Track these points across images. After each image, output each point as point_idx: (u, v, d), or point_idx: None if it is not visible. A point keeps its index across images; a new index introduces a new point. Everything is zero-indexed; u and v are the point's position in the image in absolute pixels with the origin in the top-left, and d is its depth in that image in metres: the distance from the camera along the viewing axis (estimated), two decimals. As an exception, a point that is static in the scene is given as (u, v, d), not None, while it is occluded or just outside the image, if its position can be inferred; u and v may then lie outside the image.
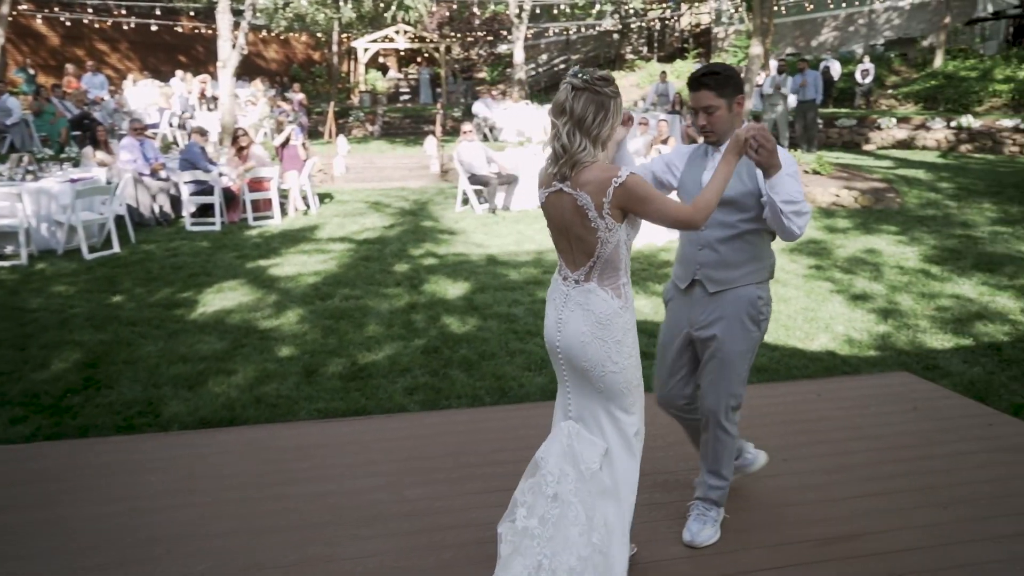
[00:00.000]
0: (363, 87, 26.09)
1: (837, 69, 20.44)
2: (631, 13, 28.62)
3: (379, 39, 24.71)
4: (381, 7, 23.13)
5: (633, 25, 31.30)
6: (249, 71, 24.49)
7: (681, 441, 3.56)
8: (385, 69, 31.20)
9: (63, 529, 3.19)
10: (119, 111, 16.08)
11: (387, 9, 23.22)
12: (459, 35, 29.77)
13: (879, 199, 10.93)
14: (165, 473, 3.69)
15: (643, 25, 31.86)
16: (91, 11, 23.92)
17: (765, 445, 3.92)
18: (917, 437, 4.02)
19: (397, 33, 24.41)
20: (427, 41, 25.79)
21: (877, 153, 16.39)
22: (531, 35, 28.57)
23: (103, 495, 3.47)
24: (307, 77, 28.65)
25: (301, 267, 8.09)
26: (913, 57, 23.39)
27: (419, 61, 30.94)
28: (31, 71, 19.50)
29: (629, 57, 31.27)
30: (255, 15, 17.91)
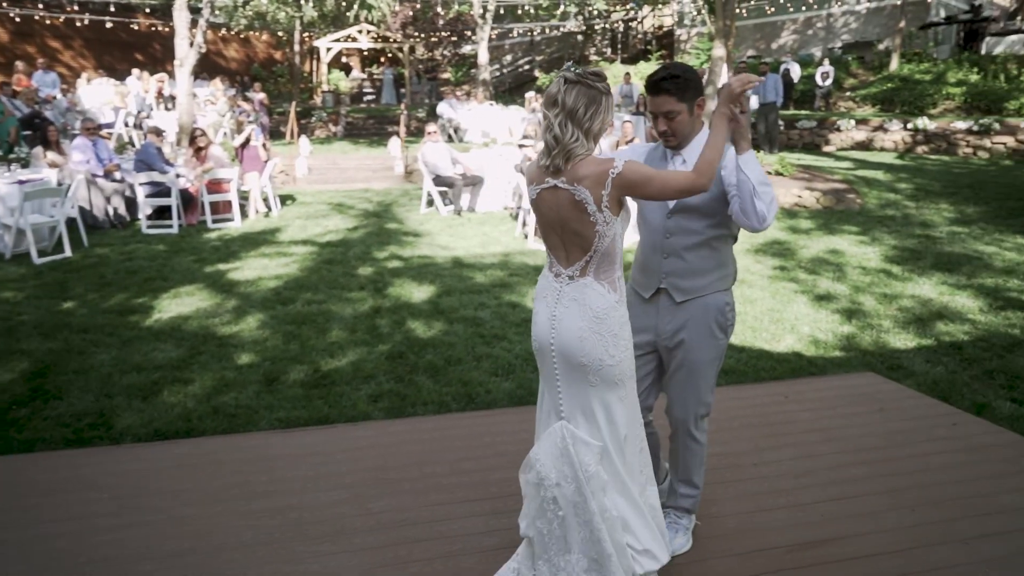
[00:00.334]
0: (326, 87, 25.77)
1: (797, 72, 20.75)
2: (595, 14, 28.73)
3: (342, 39, 24.43)
4: (343, 6, 22.86)
5: (597, 27, 31.44)
6: (209, 70, 24.02)
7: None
8: (348, 69, 30.87)
9: (7, 553, 3.03)
10: (72, 110, 15.61)
11: (349, 8, 22.96)
12: (423, 35, 29.58)
13: (840, 200, 11.08)
14: (117, 489, 3.54)
15: (607, 27, 32.03)
16: (42, 7, 23.24)
17: (735, 449, 3.91)
18: (884, 438, 4.03)
19: (360, 33, 24.15)
20: (391, 41, 25.57)
21: (837, 154, 16.65)
22: (495, 36, 28.53)
23: (50, 514, 3.31)
24: (268, 77, 28.21)
25: (262, 271, 7.91)
26: (870, 60, 23.85)
27: (383, 61, 30.68)
28: (-22, 69, 18.88)
29: (593, 58, 31.39)
30: (214, 13, 17.55)
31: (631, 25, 32.92)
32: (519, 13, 27.47)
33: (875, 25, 25.90)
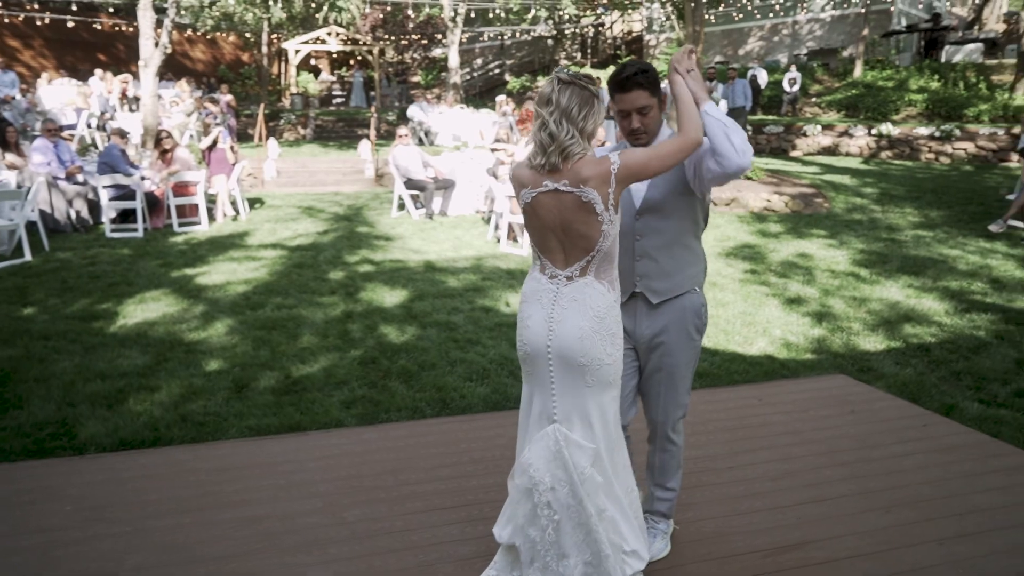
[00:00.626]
0: (294, 89, 25.50)
1: (764, 77, 21.05)
2: (565, 19, 28.85)
3: (310, 41, 24.19)
4: (312, 8, 22.64)
5: (567, 31, 31.58)
6: (175, 71, 23.65)
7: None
8: (317, 71, 30.60)
9: (-37, 568, 2.91)
10: (32, 111, 15.25)
11: (319, 10, 22.75)
12: (393, 38, 29.43)
13: (808, 204, 11.23)
14: (81, 501, 3.43)
15: (577, 32, 32.19)
16: (1, 5, 22.67)
17: (710, 452, 3.92)
18: (857, 440, 4.06)
19: (329, 35, 23.94)
20: (360, 43, 25.38)
21: (804, 159, 16.89)
22: (466, 39, 28.50)
23: (11, 527, 3.20)
24: (236, 78, 27.84)
25: (230, 275, 7.76)
26: (834, 67, 24.27)
27: (352, 64, 30.47)
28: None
29: (563, 63, 31.51)
30: (179, 13, 17.26)
31: (601, 30, 33.14)
32: (490, 17, 27.47)
33: (839, 33, 26.38)
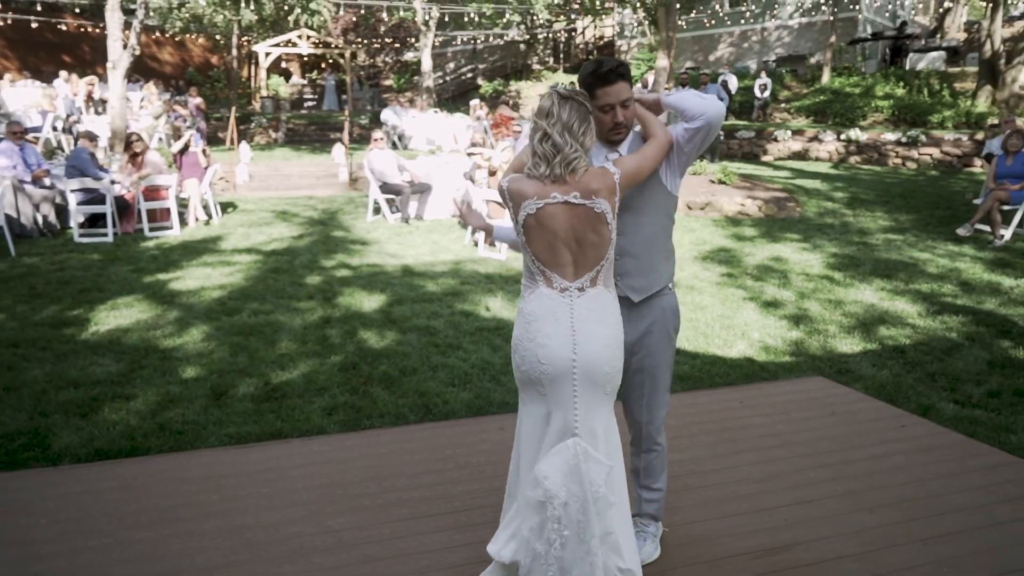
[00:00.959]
0: (264, 92, 25.24)
1: (734, 83, 21.31)
2: (537, 24, 28.95)
3: (281, 43, 23.96)
4: (284, 11, 22.45)
5: (540, 36, 31.69)
6: (142, 73, 23.26)
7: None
8: (288, 74, 30.36)
9: (-65, 585, 2.81)
10: (-6, 113, 14.88)
11: (290, 13, 22.56)
12: (364, 41, 29.29)
13: (781, 208, 11.37)
14: (57, 513, 3.33)
15: (549, 36, 32.31)
16: (-39, 5, 22.17)
17: (695, 455, 3.93)
18: (837, 441, 4.11)
19: (300, 38, 23.73)
20: (331, 47, 25.21)
21: (775, 164, 17.12)
22: (438, 43, 28.43)
23: (-17, 542, 3.10)
24: (205, 81, 27.48)
25: (204, 280, 7.64)
26: (803, 73, 24.67)
27: (323, 67, 30.25)
28: None
29: (536, 67, 31.62)
30: (148, 15, 16.99)
31: (573, 35, 33.31)
32: (463, 21, 27.46)
33: (807, 40, 26.82)
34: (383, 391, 4.94)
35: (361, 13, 27.63)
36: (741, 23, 27.80)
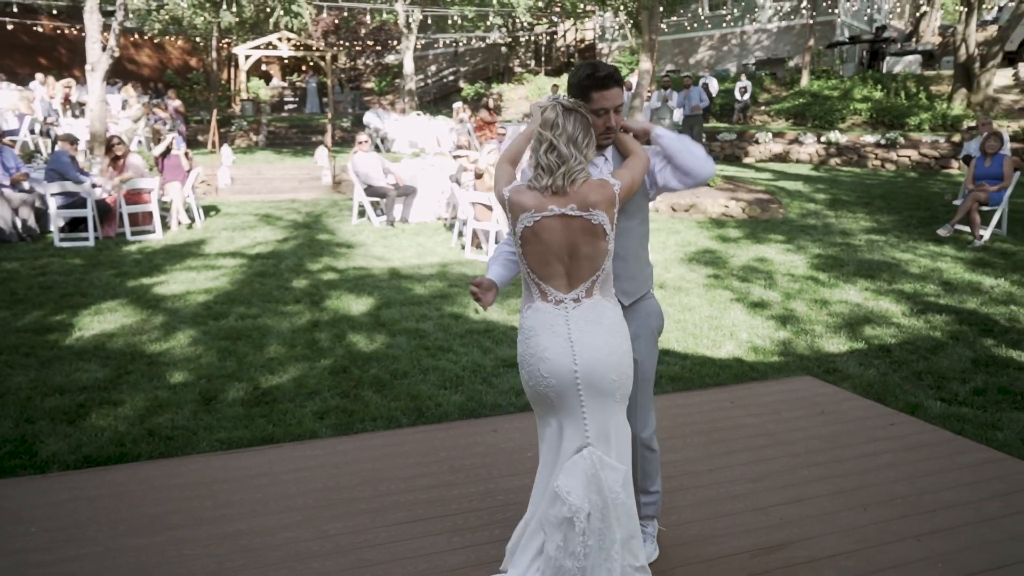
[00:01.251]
0: (244, 95, 25.05)
1: (715, 86, 21.48)
2: (519, 27, 29.00)
3: (261, 46, 23.80)
4: (265, 13, 22.29)
5: (521, 39, 31.74)
6: (119, 75, 23.00)
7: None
8: (268, 77, 30.16)
9: (-76, 596, 2.76)
10: (-30, 116, 14.63)
11: (270, 15, 22.41)
12: (345, 44, 29.16)
13: (764, 210, 11.46)
14: (47, 521, 3.28)
15: (530, 39, 32.38)
16: (-66, 6, 21.81)
17: (688, 456, 3.95)
18: (828, 440, 4.15)
19: (280, 40, 23.58)
20: (312, 49, 25.08)
21: (756, 166, 17.26)
22: (420, 46, 28.39)
23: (-28, 552, 3.04)
24: (184, 83, 27.25)
25: (189, 284, 7.56)
26: (782, 76, 24.91)
27: (304, 69, 30.09)
28: None
29: (517, 70, 31.68)
30: (127, 16, 16.80)
31: (554, 38, 33.40)
32: (445, 24, 27.45)
33: (786, 43, 27.10)
34: (374, 394, 4.92)
35: (343, 16, 27.51)
36: (722, 26, 28.03)
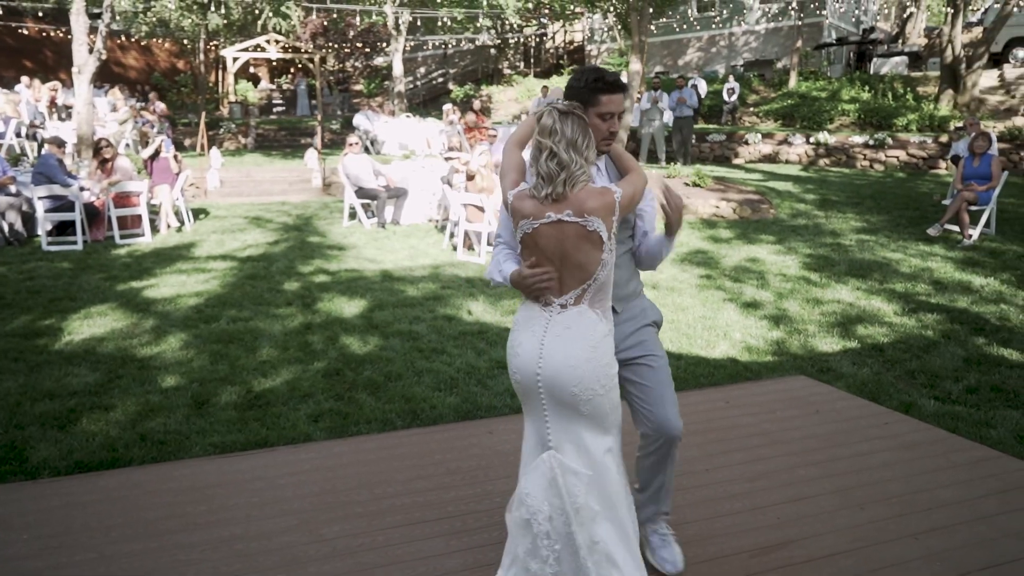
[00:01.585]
0: (233, 98, 24.92)
1: (703, 87, 21.53)
2: (508, 29, 29.00)
3: (249, 48, 23.68)
4: (254, 14, 22.19)
5: (510, 41, 31.75)
6: (106, 78, 22.83)
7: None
8: (256, 80, 30.04)
9: (-86, 606, 2.71)
10: (-45, 119, 14.50)
11: (258, 18, 22.31)
12: (334, 46, 29.08)
13: (755, 210, 11.50)
14: (38, 528, 3.24)
15: (520, 41, 32.40)
16: (-83, 9, 21.57)
17: (686, 456, 3.93)
18: (824, 439, 4.15)
19: (268, 43, 23.47)
20: (300, 51, 24.99)
21: (746, 167, 17.31)
22: (409, 48, 28.35)
23: (-37, 560, 3.00)
24: (171, 86, 27.09)
25: (180, 288, 7.51)
26: (770, 78, 25.00)
27: (292, 72, 29.99)
28: None
29: (507, 72, 31.68)
30: (114, 19, 16.68)
31: (543, 40, 33.44)
32: (433, 25, 27.42)
33: (773, 45, 27.22)
34: (369, 397, 4.89)
35: (331, 17, 27.42)
36: (710, 28, 28.12)
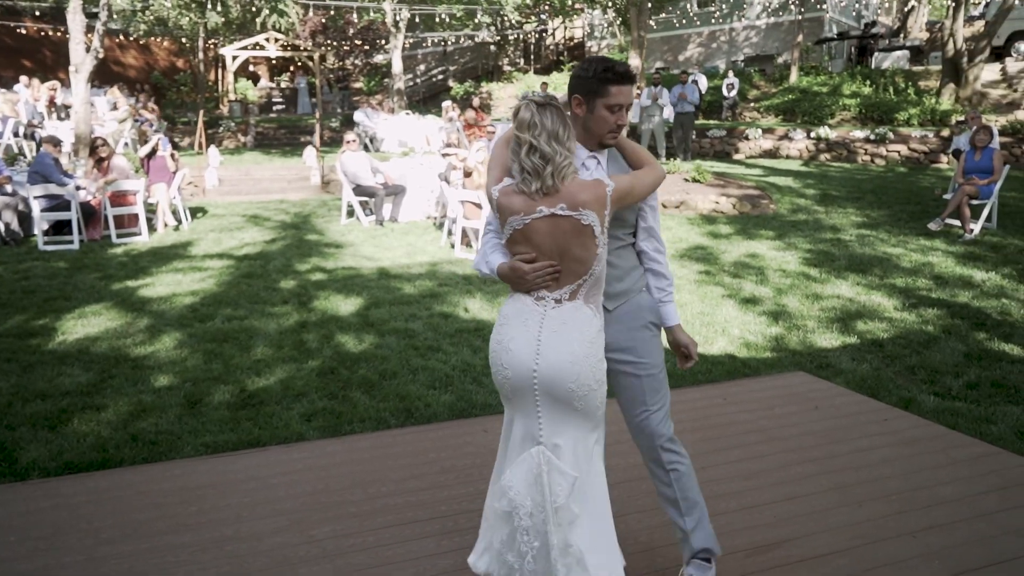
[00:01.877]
0: (232, 96, 24.89)
1: (704, 83, 21.44)
2: (508, 25, 28.92)
3: (248, 47, 23.63)
4: (251, 13, 22.14)
5: (510, 37, 31.67)
6: (106, 78, 22.81)
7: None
8: (256, 78, 30.00)
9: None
10: (-47, 119, 14.47)
11: (256, 15, 22.26)
12: (333, 44, 29.02)
13: (755, 206, 11.44)
14: (27, 530, 3.21)
15: (519, 38, 32.32)
16: (-84, 9, 21.57)
17: (682, 454, 3.90)
18: (822, 436, 4.11)
19: (268, 41, 23.43)
20: (300, 49, 24.94)
21: (746, 162, 17.25)
22: (408, 45, 28.29)
23: (-51, 563, 2.96)
24: (170, 85, 27.05)
25: (175, 287, 7.47)
26: (771, 73, 24.93)
27: (292, 70, 29.95)
28: None
29: (507, 69, 31.60)
30: (111, 17, 16.65)
31: (543, 36, 33.35)
32: (433, 23, 27.33)
33: (774, 40, 27.12)
34: (363, 395, 4.85)
35: (330, 15, 27.36)
36: (710, 23, 28.02)
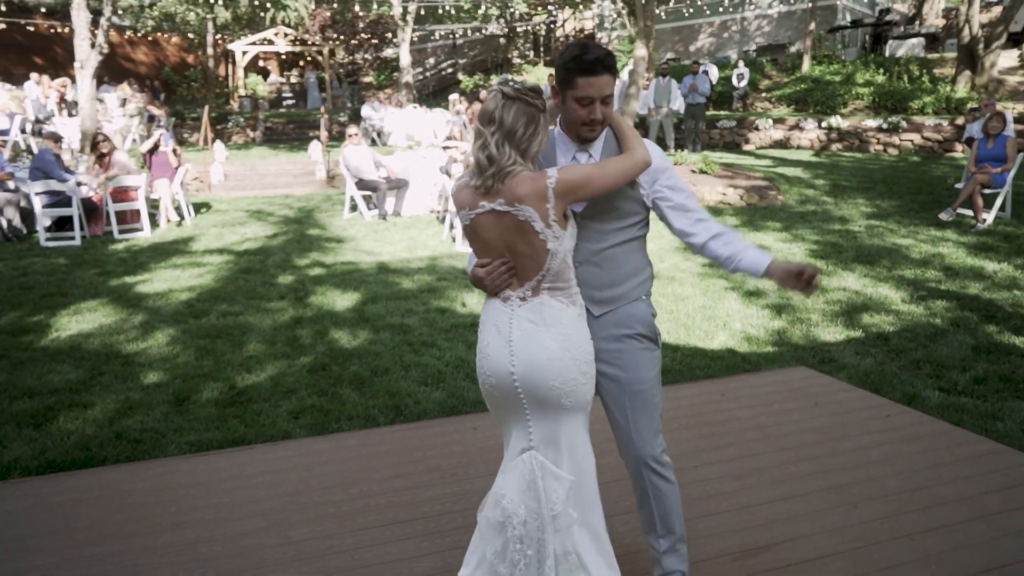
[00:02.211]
0: (243, 91, 24.90)
1: (715, 73, 21.19)
2: (517, 17, 28.74)
3: (258, 42, 23.61)
4: (258, 7, 22.11)
5: (519, 29, 31.49)
6: (117, 74, 22.90)
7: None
8: (266, 73, 30.01)
9: None
10: (-39, 117, 14.53)
11: (264, 10, 22.23)
12: (343, 38, 28.96)
13: (763, 197, 11.26)
14: (3, 530, 3.17)
15: (528, 30, 32.13)
16: (-73, 7, 21.67)
17: (674, 451, 3.73)
18: (821, 433, 3.98)
19: (277, 36, 23.40)
20: (309, 44, 24.89)
21: (756, 153, 17.02)
22: (417, 38, 28.19)
23: (-82, 565, 2.91)
24: (181, 81, 27.10)
25: (173, 283, 7.43)
26: (783, 62, 24.58)
27: (302, 65, 29.93)
28: None
29: (516, 61, 31.43)
30: (116, 13, 16.66)
31: (552, 28, 33.13)
32: (440, 15, 27.21)
33: (786, 28, 26.77)
34: (353, 392, 4.77)
35: (337, 8, 27.27)
36: (720, 12, 27.69)
